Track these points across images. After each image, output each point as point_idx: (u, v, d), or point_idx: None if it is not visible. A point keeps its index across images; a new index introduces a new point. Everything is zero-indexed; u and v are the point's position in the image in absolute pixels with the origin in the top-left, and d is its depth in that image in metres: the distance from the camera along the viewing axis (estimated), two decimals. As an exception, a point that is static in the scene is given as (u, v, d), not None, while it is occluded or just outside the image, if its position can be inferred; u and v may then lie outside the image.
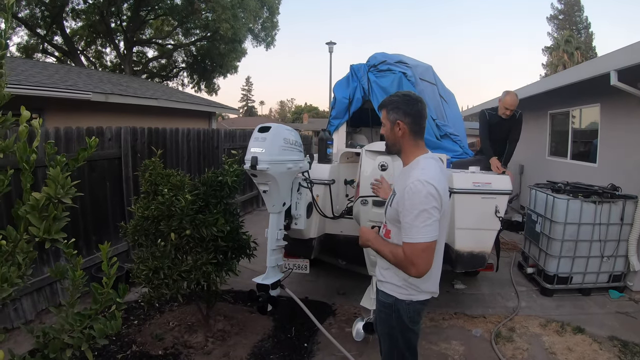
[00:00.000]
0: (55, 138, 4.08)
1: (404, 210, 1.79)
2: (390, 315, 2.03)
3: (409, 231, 1.77)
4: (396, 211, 1.87)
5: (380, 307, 2.14)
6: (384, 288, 2.06)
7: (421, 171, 1.84)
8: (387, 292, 2.04)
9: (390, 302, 2.02)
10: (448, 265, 3.72)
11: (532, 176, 8.35)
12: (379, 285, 2.11)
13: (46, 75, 8.55)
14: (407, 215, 1.77)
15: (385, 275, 2.04)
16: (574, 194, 4.46)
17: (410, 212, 1.76)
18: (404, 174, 1.97)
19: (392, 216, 1.93)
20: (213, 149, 7.54)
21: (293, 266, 3.86)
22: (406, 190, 1.79)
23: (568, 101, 7.14)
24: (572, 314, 4.04)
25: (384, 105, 1.99)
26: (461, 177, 3.53)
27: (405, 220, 1.78)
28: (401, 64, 5.37)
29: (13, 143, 1.61)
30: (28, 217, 1.42)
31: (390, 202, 1.97)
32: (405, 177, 1.90)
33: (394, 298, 2.00)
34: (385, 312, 2.07)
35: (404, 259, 1.77)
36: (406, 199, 1.78)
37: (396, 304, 2.00)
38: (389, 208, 1.98)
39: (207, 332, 3.58)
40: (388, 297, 2.03)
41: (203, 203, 3.24)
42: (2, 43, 1.49)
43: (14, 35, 18.55)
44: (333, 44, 19.81)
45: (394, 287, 2.00)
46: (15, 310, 3.68)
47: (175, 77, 23.93)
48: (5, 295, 1.36)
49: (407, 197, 1.78)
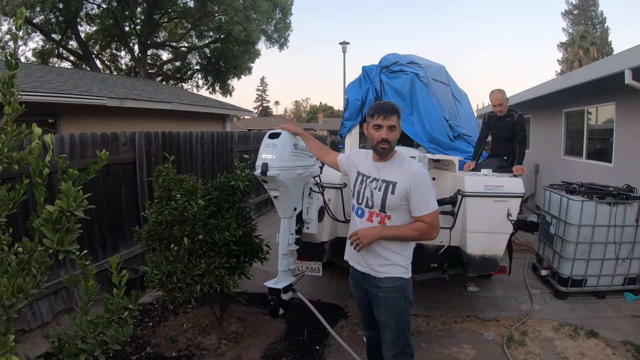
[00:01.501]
0: (71, 144, 4.17)
1: (418, 190, 2.17)
2: (398, 298, 2.29)
3: (427, 204, 2.19)
4: (402, 197, 2.20)
5: (385, 294, 2.32)
6: (390, 272, 2.29)
7: (413, 161, 2.34)
8: (393, 275, 2.29)
9: (398, 285, 2.29)
10: (460, 269, 3.71)
11: (548, 176, 8.26)
12: (381, 274, 2.31)
13: (61, 81, 8.70)
14: (422, 193, 2.18)
15: (392, 258, 2.29)
16: (589, 195, 4.40)
17: (425, 189, 2.19)
18: (392, 166, 2.29)
19: (396, 202, 2.22)
20: (227, 151, 7.60)
21: (306, 269, 3.88)
22: (417, 174, 2.19)
23: (583, 99, 7.04)
24: (586, 318, 3.99)
25: (396, 111, 2.25)
26: (473, 180, 3.51)
27: (423, 197, 2.18)
28: (413, 64, 5.37)
29: (27, 154, 1.66)
30: (42, 229, 1.47)
31: (391, 191, 2.22)
32: (399, 167, 2.26)
33: (401, 279, 2.30)
34: (393, 297, 2.31)
35: (428, 226, 2.20)
36: (420, 181, 2.18)
37: (403, 284, 2.31)
38: (391, 196, 2.22)
39: (221, 334, 3.63)
40: (395, 280, 2.30)
41: (215, 208, 3.27)
42: (13, 63, 1.58)
43: (30, 41, 18.94)
44: (346, 43, 19.84)
45: (400, 268, 2.30)
46: (32, 312, 3.77)
47: (189, 79, 24.15)
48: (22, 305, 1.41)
49: (420, 178, 2.19)
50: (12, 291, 1.37)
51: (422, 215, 2.20)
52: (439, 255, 3.61)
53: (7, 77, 1.58)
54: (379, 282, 2.31)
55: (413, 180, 2.18)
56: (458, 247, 3.61)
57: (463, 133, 5.21)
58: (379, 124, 2.22)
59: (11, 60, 1.59)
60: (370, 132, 2.27)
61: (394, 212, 2.25)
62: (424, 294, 4.50)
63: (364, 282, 2.42)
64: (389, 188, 2.23)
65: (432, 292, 4.59)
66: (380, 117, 2.21)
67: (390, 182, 2.24)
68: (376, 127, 2.23)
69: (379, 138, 2.22)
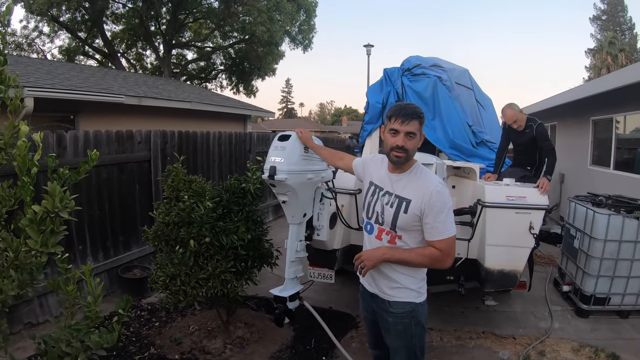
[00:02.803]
0: (85, 141, 4.17)
1: (433, 210, 1.91)
2: (409, 324, 2.08)
3: (442, 228, 1.92)
4: (415, 216, 1.95)
5: (395, 320, 2.10)
6: (400, 297, 2.08)
7: (433, 176, 2.05)
8: (403, 300, 2.07)
9: (409, 310, 2.07)
10: (477, 283, 3.55)
11: (574, 186, 7.97)
12: (390, 298, 2.10)
13: (81, 78, 8.81)
14: (439, 214, 1.91)
15: (402, 281, 2.05)
16: (616, 209, 4.17)
17: (442, 211, 1.91)
18: (409, 180, 2.02)
19: (408, 223, 1.98)
20: (245, 152, 7.57)
21: (318, 276, 3.77)
22: (434, 193, 1.91)
23: (611, 107, 6.76)
24: (608, 339, 3.76)
25: (418, 116, 1.97)
26: (493, 190, 3.36)
27: (439, 220, 1.91)
28: (436, 67, 5.22)
29: (26, 151, 1.62)
30: (27, 229, 1.41)
31: (403, 210, 1.98)
32: (415, 183, 2.00)
33: (412, 304, 2.07)
34: (403, 324, 2.08)
35: (440, 254, 1.93)
36: (436, 200, 1.91)
37: (415, 309, 2.08)
38: (403, 215, 1.98)
39: (226, 338, 3.55)
40: (405, 305, 2.07)
41: (225, 210, 3.20)
42: (1, 59, 1.56)
43: (56, 39, 19.37)
44: (371, 46, 19.71)
45: (411, 292, 2.07)
46: (40, 306, 3.77)
47: (214, 79, 24.31)
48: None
49: (437, 198, 1.91)
50: None
51: (435, 240, 1.93)
52: (455, 267, 3.45)
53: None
54: (388, 306, 2.10)
55: (429, 200, 1.91)
56: (476, 260, 3.45)
57: (486, 140, 5.04)
58: (395, 129, 1.94)
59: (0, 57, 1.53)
60: (386, 137, 2.01)
61: (406, 232, 2.00)
62: (439, 306, 4.33)
63: (372, 304, 2.22)
64: (401, 206, 1.98)
65: (448, 305, 4.42)
66: (398, 121, 1.93)
67: (404, 200, 1.98)
68: (392, 131, 1.95)
69: (394, 144, 1.95)
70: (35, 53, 18.82)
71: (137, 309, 4.18)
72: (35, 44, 18.78)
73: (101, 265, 4.40)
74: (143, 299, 4.44)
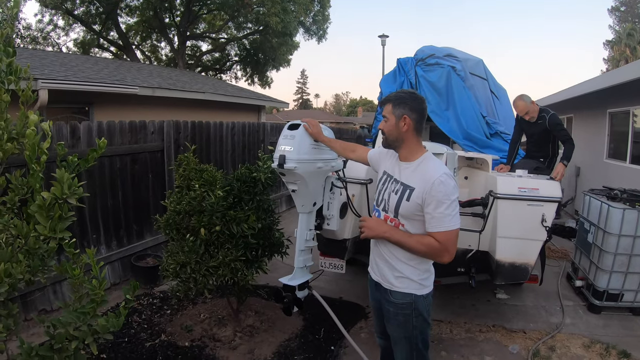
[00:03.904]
0: (98, 132, 4.22)
1: (434, 202, 1.87)
2: (409, 316, 2.06)
3: (442, 220, 1.87)
4: (417, 205, 1.93)
5: (396, 310, 2.10)
6: (401, 287, 2.07)
7: (441, 166, 1.99)
8: (404, 291, 2.05)
9: (410, 301, 2.05)
10: (487, 276, 3.52)
11: (589, 179, 7.84)
12: (391, 287, 2.09)
13: (95, 70, 8.92)
14: (439, 205, 1.87)
15: (404, 270, 2.04)
16: (631, 203, 4.09)
17: (443, 202, 1.86)
18: (415, 169, 2.02)
19: (410, 211, 1.96)
20: (258, 142, 7.60)
21: (329, 266, 3.78)
22: (435, 183, 1.87)
23: (628, 99, 6.60)
24: (619, 336, 3.70)
25: (389, 100, 2.04)
26: (506, 181, 3.31)
27: (438, 211, 1.87)
28: (450, 57, 5.17)
29: (38, 140, 1.65)
30: (36, 215, 1.44)
31: (406, 197, 1.98)
32: (420, 171, 1.98)
33: (413, 295, 2.05)
34: (404, 314, 2.07)
35: (439, 246, 1.88)
36: (438, 191, 1.87)
37: (416, 301, 2.05)
38: (405, 203, 1.98)
39: (236, 326, 3.59)
40: (406, 296, 2.05)
41: (236, 199, 3.22)
42: (10, 51, 1.59)
43: (71, 32, 19.61)
44: (386, 36, 19.49)
45: (412, 283, 2.04)
46: (54, 292, 3.85)
47: (228, 71, 24.41)
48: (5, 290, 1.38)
49: (439, 188, 1.87)
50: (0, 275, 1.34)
51: (434, 231, 1.89)
52: (466, 259, 3.43)
53: (5, 65, 1.59)
54: (390, 295, 2.10)
55: (430, 190, 1.88)
56: (487, 252, 3.41)
57: (500, 131, 4.97)
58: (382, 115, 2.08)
59: (8, 49, 1.58)
60: None
61: (408, 220, 2.00)
62: (450, 298, 4.32)
63: (377, 293, 2.24)
64: (405, 193, 1.99)
65: (458, 297, 4.40)
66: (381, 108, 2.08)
67: (408, 187, 1.99)
68: None
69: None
70: (50, 46, 19.11)
71: (150, 296, 4.25)
72: (50, 37, 19.07)
73: (115, 253, 4.47)
74: (156, 287, 4.51)
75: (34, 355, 1.49)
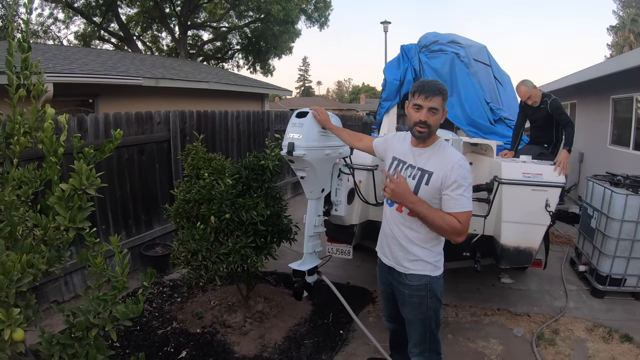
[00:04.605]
0: (105, 123, 4.25)
1: (453, 185, 1.95)
2: (424, 297, 2.13)
3: (461, 201, 1.95)
4: (436, 189, 2.00)
5: (411, 292, 2.16)
6: (416, 269, 2.13)
7: (456, 151, 2.08)
8: (420, 273, 2.12)
9: (425, 283, 2.12)
10: (492, 260, 3.58)
11: (592, 165, 7.86)
12: (406, 270, 2.15)
13: (99, 62, 8.92)
14: (458, 188, 1.95)
15: (419, 253, 2.10)
16: (634, 189, 4.12)
17: (462, 185, 1.95)
18: (431, 154, 2.08)
19: (429, 194, 2.02)
20: (263, 130, 7.63)
21: (336, 251, 3.83)
22: (455, 166, 1.96)
23: (632, 86, 6.59)
24: (622, 320, 3.76)
25: (440, 92, 2.01)
26: (510, 167, 3.35)
27: (458, 193, 1.95)
28: (454, 44, 5.17)
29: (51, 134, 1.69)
30: (55, 206, 1.49)
31: (425, 182, 2.04)
32: (438, 156, 2.05)
33: (428, 277, 2.12)
34: (419, 296, 2.14)
35: (460, 226, 1.94)
36: (457, 174, 1.95)
37: (431, 282, 2.13)
38: (425, 187, 2.03)
39: (246, 313, 3.66)
40: (421, 278, 2.12)
41: (245, 187, 3.27)
42: (26, 47, 1.63)
43: (72, 24, 19.53)
44: (388, 23, 19.25)
45: (428, 265, 2.12)
46: (66, 284, 3.92)
47: (230, 59, 24.24)
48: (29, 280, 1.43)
49: (459, 172, 1.95)
50: (22, 266, 1.39)
51: (456, 212, 1.95)
52: (471, 244, 3.48)
53: (21, 60, 1.61)
54: (405, 278, 2.16)
55: (450, 173, 1.96)
56: (492, 237, 3.46)
57: (504, 117, 4.99)
58: (419, 104, 1.99)
59: (23, 44, 1.61)
60: (410, 112, 2.06)
61: None
62: (455, 282, 4.38)
63: (389, 277, 2.29)
64: (423, 178, 2.04)
65: (464, 282, 4.47)
66: (422, 97, 1.98)
67: (427, 172, 2.04)
68: (416, 107, 2.01)
69: (417, 119, 2.00)
70: (51, 40, 19.06)
71: (160, 285, 4.32)
72: (51, 30, 19.02)
73: (124, 243, 4.52)
74: (165, 275, 4.58)
75: (55, 344, 1.53)
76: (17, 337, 1.35)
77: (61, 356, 1.53)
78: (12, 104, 1.70)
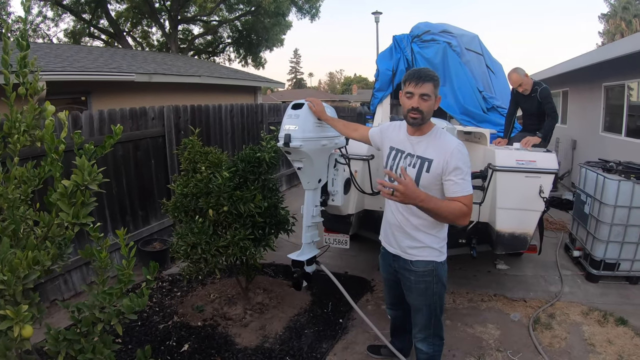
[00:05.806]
0: (100, 120, 4.24)
1: (455, 170, 1.99)
2: (430, 282, 2.18)
3: (464, 186, 2.00)
4: (437, 175, 2.04)
5: (417, 278, 2.21)
6: (423, 256, 2.17)
7: (453, 137, 2.12)
8: (426, 259, 2.17)
9: (431, 269, 2.17)
10: (488, 246, 3.63)
11: (585, 152, 7.93)
12: (412, 257, 2.19)
13: (90, 59, 8.87)
14: (459, 173, 1.99)
15: (425, 240, 2.15)
16: (626, 175, 4.18)
17: (463, 169, 2.00)
18: (429, 142, 2.11)
19: (430, 181, 2.06)
20: (257, 123, 7.63)
21: (334, 241, 3.87)
22: (454, 152, 2.00)
23: (624, 73, 6.65)
24: (617, 304, 3.83)
25: (431, 78, 2.04)
26: (504, 154, 3.39)
27: (460, 177, 1.99)
28: (446, 33, 5.17)
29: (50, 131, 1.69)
30: (58, 203, 1.50)
31: (426, 169, 2.07)
32: (436, 143, 2.08)
33: (434, 263, 2.17)
34: (425, 282, 2.19)
35: (467, 209, 1.98)
36: (458, 159, 2.00)
37: (437, 268, 2.18)
38: (426, 174, 2.06)
39: (246, 304, 3.69)
40: (428, 264, 2.17)
41: (241, 179, 3.28)
42: (24, 44, 1.62)
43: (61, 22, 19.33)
44: (379, 13, 19.12)
45: (433, 251, 2.16)
46: (65, 282, 3.92)
47: (221, 53, 24.15)
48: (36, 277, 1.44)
49: (459, 157, 2.00)
50: (28, 263, 1.40)
51: (460, 196, 1.98)
52: (467, 231, 3.53)
53: (19, 59, 1.61)
54: (411, 265, 2.20)
55: (450, 159, 2.00)
56: (487, 224, 3.51)
57: (497, 105, 5.02)
58: (410, 92, 2.03)
59: (22, 42, 1.61)
60: (402, 100, 2.09)
61: (427, 190, 2.01)
62: (452, 269, 4.33)
63: (394, 264, 2.33)
64: (424, 165, 2.07)
65: (460, 268, 4.52)
66: (412, 84, 2.02)
67: (426, 159, 2.07)
68: (408, 94, 2.04)
69: (409, 107, 2.04)
70: (40, 38, 18.87)
71: (159, 280, 4.33)
72: (40, 29, 18.85)
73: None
74: (164, 270, 4.60)
75: (62, 340, 1.53)
76: (25, 334, 1.36)
77: (68, 352, 1.54)
78: (9, 102, 1.70)
